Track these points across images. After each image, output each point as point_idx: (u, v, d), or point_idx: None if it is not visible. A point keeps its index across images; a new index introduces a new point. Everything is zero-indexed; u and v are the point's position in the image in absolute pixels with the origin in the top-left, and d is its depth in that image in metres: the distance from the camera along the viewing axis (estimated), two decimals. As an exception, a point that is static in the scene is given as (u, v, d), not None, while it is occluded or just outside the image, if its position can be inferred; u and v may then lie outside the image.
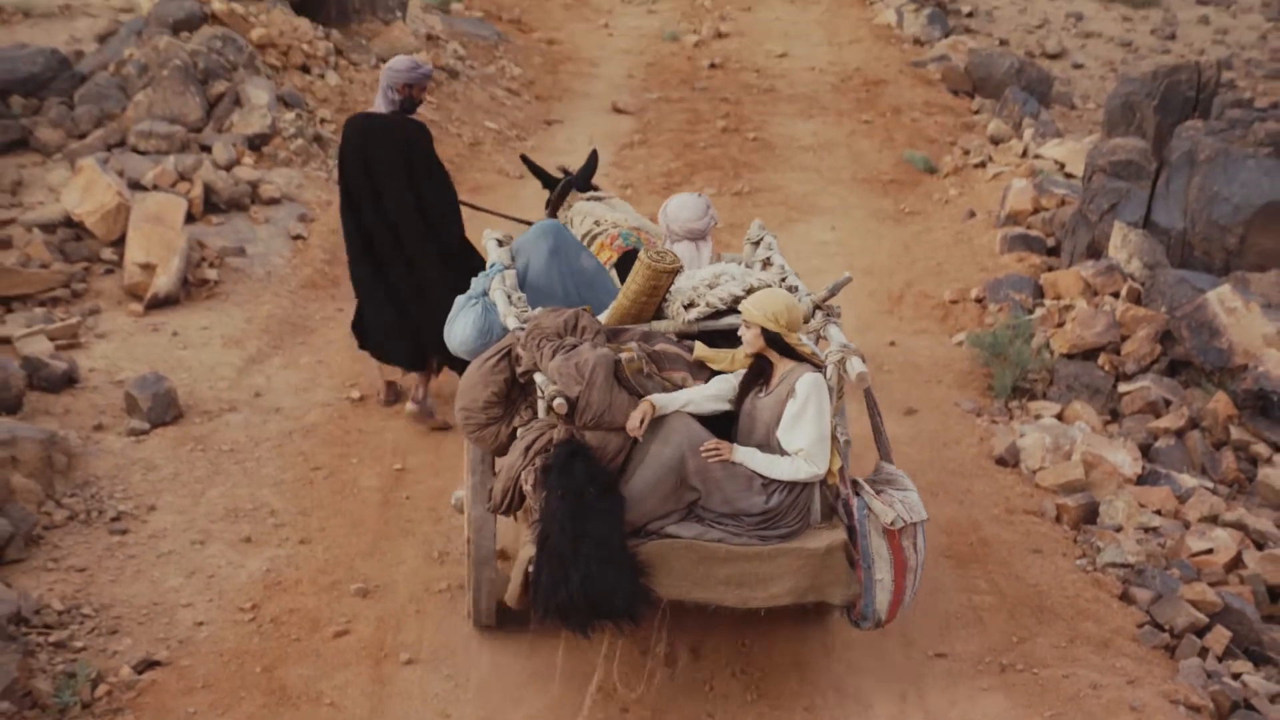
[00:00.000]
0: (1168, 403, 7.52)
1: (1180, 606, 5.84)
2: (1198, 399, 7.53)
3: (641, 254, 5.37)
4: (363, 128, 7.05)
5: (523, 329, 5.18)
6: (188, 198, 9.01)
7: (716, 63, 15.12)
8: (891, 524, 5.03)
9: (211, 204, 9.29)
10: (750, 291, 5.40)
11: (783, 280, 5.70)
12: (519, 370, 5.12)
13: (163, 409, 7.11)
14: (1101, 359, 7.83)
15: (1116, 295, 8.28)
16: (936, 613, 5.75)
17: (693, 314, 5.46)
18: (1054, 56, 16.50)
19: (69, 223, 8.72)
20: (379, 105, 7.05)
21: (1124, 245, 8.52)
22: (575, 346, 4.99)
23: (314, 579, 5.90)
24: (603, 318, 5.42)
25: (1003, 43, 16.51)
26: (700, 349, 5.27)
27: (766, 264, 5.99)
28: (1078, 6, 18.15)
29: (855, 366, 5.02)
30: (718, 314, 5.46)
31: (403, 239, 7.04)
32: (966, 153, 12.03)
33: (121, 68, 10.41)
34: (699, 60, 15.23)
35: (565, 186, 7.02)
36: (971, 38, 16.26)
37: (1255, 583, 6.21)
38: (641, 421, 4.88)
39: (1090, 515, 6.66)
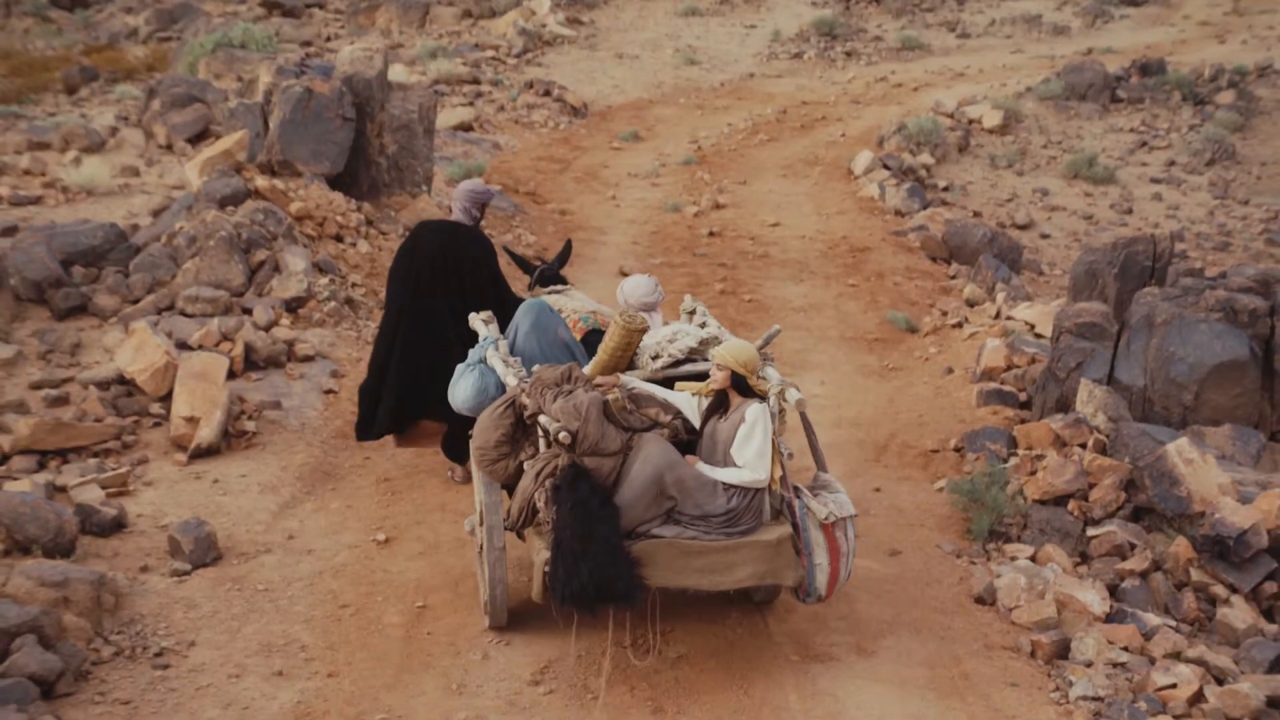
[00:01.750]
0: (1133, 546, 7.63)
1: (1148, 738, 5.91)
2: (1160, 543, 7.65)
3: (616, 316, 6.36)
4: (448, 230, 8.00)
5: (523, 384, 6.11)
6: (230, 356, 9.31)
7: (715, 231, 15.41)
8: (826, 519, 5.99)
9: (251, 362, 9.59)
10: (704, 343, 6.57)
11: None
12: (526, 414, 6.04)
13: (203, 551, 7.28)
14: (1071, 505, 7.97)
15: (1084, 446, 8.43)
16: (920, 743, 5.83)
17: (658, 363, 6.58)
18: (1023, 227, 16.84)
19: (121, 380, 9.02)
20: (458, 218, 8.01)
21: (1090, 400, 8.72)
22: (571, 392, 5.97)
23: (341, 710, 5.99)
24: (587, 369, 6.40)
25: (976, 214, 16.80)
26: (681, 384, 6.35)
27: (703, 326, 6.96)
28: (1044, 183, 18.62)
29: (793, 395, 6.04)
30: (677, 363, 6.61)
31: (451, 324, 7.72)
32: (944, 314, 12.28)
33: (173, 239, 10.79)
34: (699, 229, 15.54)
35: (541, 273, 8.02)
36: (947, 210, 16.60)
37: (1216, 716, 6.25)
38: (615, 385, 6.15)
39: (1062, 651, 6.75)
